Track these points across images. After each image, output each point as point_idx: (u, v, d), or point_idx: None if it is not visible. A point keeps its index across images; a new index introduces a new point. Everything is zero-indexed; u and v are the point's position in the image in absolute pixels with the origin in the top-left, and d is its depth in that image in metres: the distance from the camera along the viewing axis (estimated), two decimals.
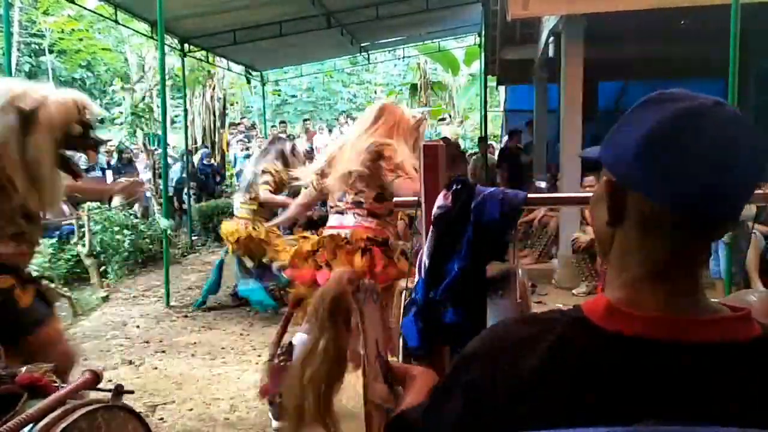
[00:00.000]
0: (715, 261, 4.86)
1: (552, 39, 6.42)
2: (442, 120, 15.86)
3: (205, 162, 11.46)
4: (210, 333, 4.76)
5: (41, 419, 1.23)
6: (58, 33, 12.95)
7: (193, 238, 9.06)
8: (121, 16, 7.55)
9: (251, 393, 3.52)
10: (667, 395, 0.63)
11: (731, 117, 0.67)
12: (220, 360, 4.12)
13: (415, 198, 1.54)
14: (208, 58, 10.68)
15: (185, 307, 5.54)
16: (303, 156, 5.61)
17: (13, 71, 6.21)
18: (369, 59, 13.25)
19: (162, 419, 3.21)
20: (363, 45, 11.19)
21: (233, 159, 12.36)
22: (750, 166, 0.67)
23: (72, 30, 12.88)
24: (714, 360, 0.65)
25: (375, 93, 20.16)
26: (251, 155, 10.73)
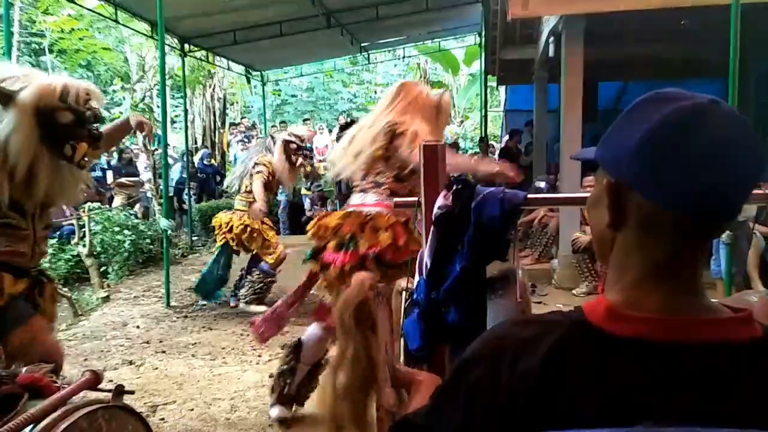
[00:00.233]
0: (716, 261, 4.86)
1: (552, 39, 6.41)
2: None
3: (206, 162, 11.47)
4: (210, 333, 4.76)
5: (42, 419, 1.23)
6: (58, 33, 12.94)
7: (194, 238, 9.06)
8: (122, 15, 7.55)
9: (252, 393, 3.53)
10: (668, 396, 0.63)
11: (729, 116, 0.67)
12: (220, 360, 4.12)
13: (415, 198, 1.54)
14: (208, 58, 10.68)
15: (185, 308, 5.54)
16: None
17: None
18: (369, 59, 13.25)
19: (163, 419, 3.21)
20: (363, 45, 11.19)
21: (233, 159, 12.35)
22: (749, 164, 0.67)
23: (72, 29, 12.87)
24: (714, 361, 0.65)
25: (375, 93, 20.15)
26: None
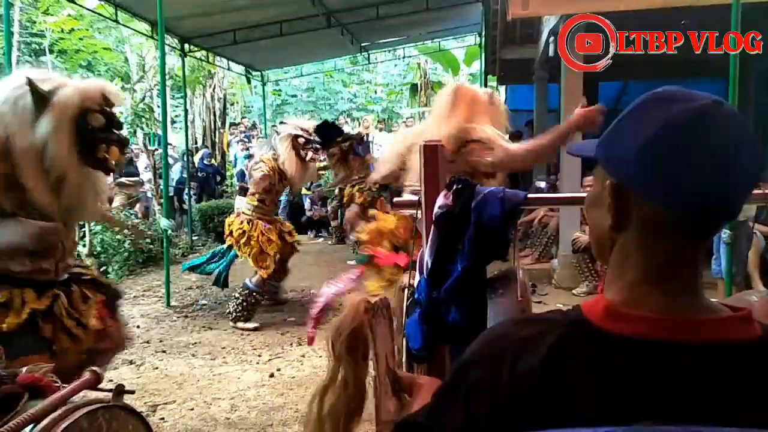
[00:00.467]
0: (716, 261, 4.86)
1: (552, 39, 6.41)
2: None
3: (206, 162, 11.46)
4: (210, 333, 4.76)
5: (42, 419, 1.23)
6: (58, 33, 12.94)
7: (194, 238, 9.06)
8: (122, 16, 7.55)
9: (252, 392, 3.53)
10: (668, 395, 0.63)
11: (732, 116, 0.67)
12: (220, 360, 4.12)
13: (416, 198, 1.54)
14: (208, 58, 10.68)
15: (185, 307, 5.54)
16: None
17: (13, 71, 6.22)
18: (369, 59, 13.24)
19: (163, 419, 3.22)
20: (363, 45, 11.19)
21: (234, 159, 12.35)
22: (750, 165, 0.67)
23: (72, 30, 12.87)
24: (714, 360, 0.65)
25: (375, 93, 20.14)
26: (252, 155, 10.75)
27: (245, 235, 4.86)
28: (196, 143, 12.67)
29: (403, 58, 15.95)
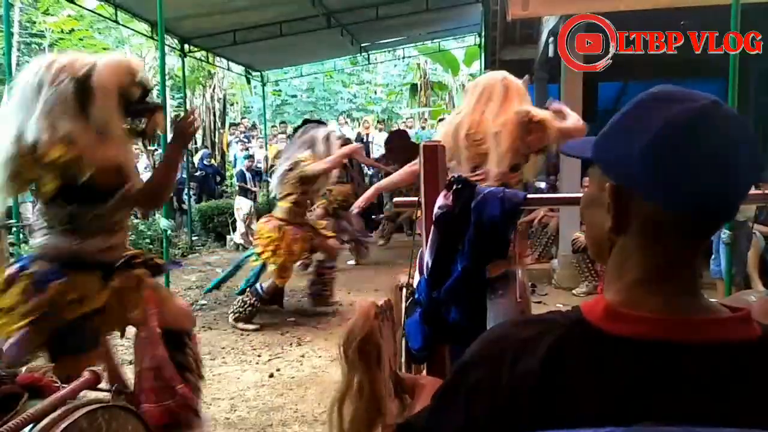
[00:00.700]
0: (715, 261, 4.85)
1: (552, 39, 6.41)
2: (441, 120, 15.82)
3: (206, 162, 11.46)
4: (210, 333, 4.75)
5: (42, 419, 1.23)
6: (58, 33, 12.95)
7: (193, 238, 9.06)
8: (121, 16, 7.55)
9: (252, 393, 3.53)
10: (667, 396, 0.63)
11: (731, 117, 0.67)
12: (220, 360, 4.12)
13: (415, 199, 1.54)
14: (208, 58, 10.68)
15: None
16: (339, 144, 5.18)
17: (13, 71, 6.21)
18: (369, 59, 13.24)
19: None
20: (363, 45, 11.19)
21: (233, 159, 12.34)
22: (750, 165, 0.67)
23: (72, 30, 12.88)
24: (713, 360, 0.65)
25: (375, 93, 20.14)
26: (252, 156, 10.74)
27: (273, 244, 4.77)
28: (195, 143, 12.67)
29: (403, 58, 15.94)
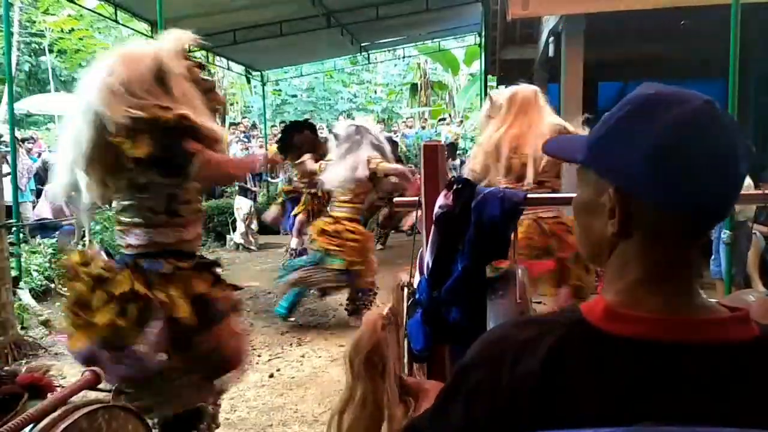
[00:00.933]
0: (715, 261, 4.85)
1: (552, 39, 6.41)
2: (442, 120, 15.85)
3: None
4: None
5: (42, 419, 1.23)
6: (58, 33, 12.95)
7: None
8: (121, 16, 7.55)
9: (252, 393, 3.52)
10: (668, 396, 0.63)
11: (723, 115, 0.68)
12: None
13: (416, 198, 1.54)
14: (208, 58, 10.67)
15: None
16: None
17: (14, 71, 6.20)
18: (369, 59, 13.25)
19: None
20: (363, 45, 11.19)
21: None
22: (743, 165, 0.68)
23: (72, 29, 12.88)
24: (713, 360, 0.65)
25: (375, 93, 20.15)
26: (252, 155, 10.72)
27: (355, 250, 4.57)
28: None
29: (403, 58, 15.97)
